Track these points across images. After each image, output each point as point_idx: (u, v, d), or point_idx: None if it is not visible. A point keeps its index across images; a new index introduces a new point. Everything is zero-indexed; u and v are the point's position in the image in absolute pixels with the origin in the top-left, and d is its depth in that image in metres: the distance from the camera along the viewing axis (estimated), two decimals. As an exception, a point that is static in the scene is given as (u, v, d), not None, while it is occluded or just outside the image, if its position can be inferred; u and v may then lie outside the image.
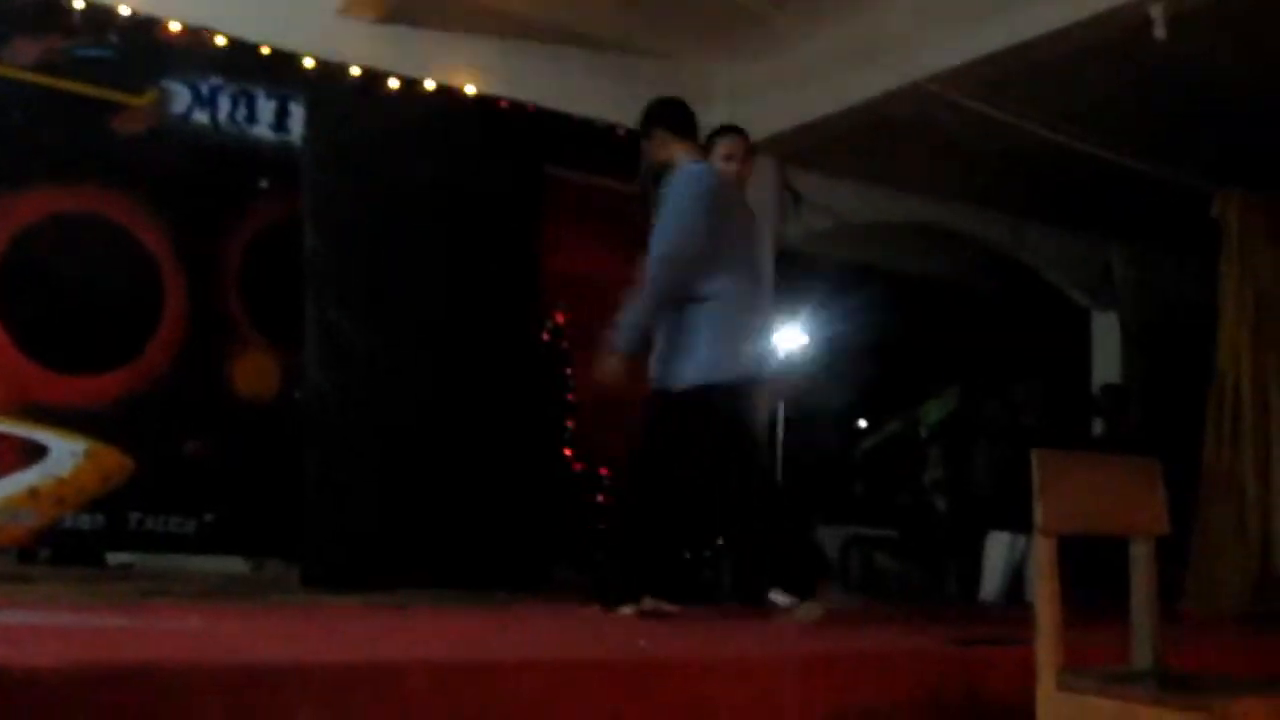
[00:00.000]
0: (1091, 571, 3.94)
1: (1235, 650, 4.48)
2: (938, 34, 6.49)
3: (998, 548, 7.68)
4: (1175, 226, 7.71)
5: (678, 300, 4.61)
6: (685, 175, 4.69)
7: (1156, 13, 5.63)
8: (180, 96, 6.20)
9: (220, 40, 6.23)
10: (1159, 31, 5.63)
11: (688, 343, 4.62)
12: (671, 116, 4.95)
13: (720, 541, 5.83)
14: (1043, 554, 2.74)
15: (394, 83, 6.60)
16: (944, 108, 6.72)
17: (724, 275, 4.62)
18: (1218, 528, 6.54)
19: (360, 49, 6.54)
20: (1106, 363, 10.06)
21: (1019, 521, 7.29)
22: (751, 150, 5.19)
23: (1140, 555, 2.95)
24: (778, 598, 4.93)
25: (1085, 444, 8.37)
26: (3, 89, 5.77)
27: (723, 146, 5.06)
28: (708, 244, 4.55)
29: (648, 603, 4.49)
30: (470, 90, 6.82)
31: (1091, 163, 7.26)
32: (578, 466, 6.83)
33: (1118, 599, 3.02)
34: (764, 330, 4.89)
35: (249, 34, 6.30)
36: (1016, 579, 7.56)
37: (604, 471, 6.79)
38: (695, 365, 4.59)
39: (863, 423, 14.03)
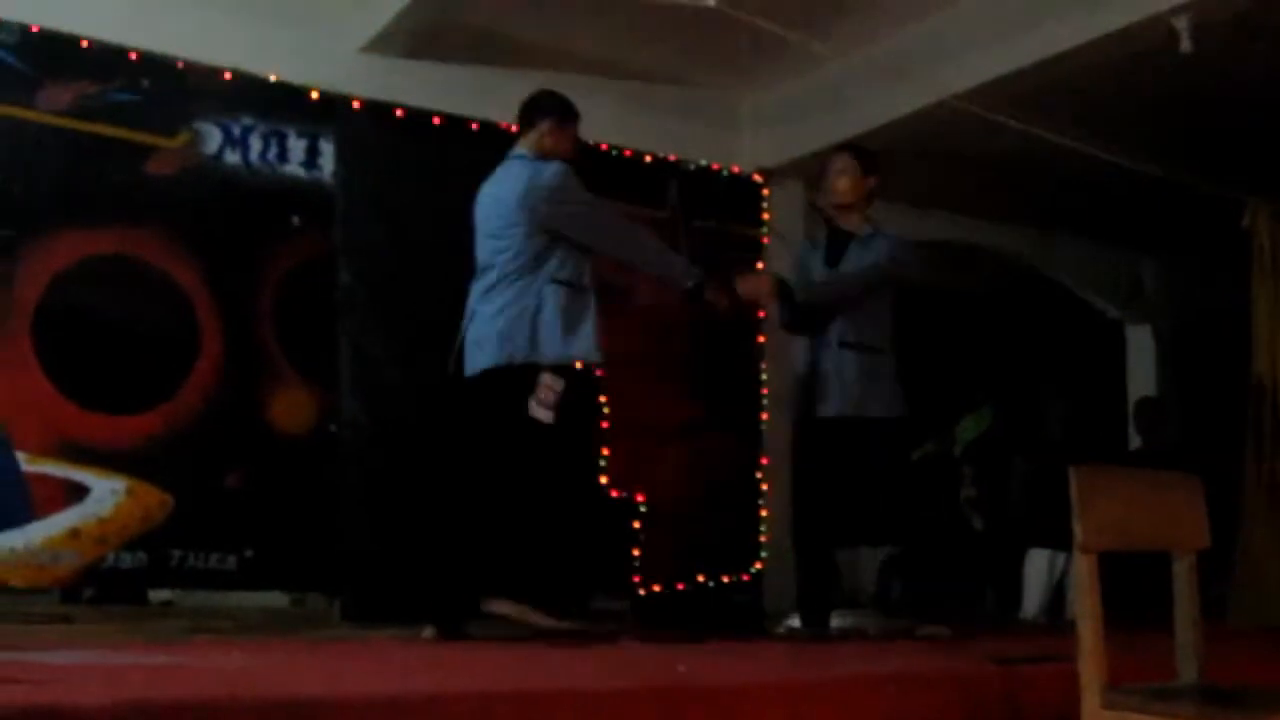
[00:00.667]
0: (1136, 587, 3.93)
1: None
2: (963, 52, 6.51)
3: (1037, 565, 7.63)
4: (1206, 237, 7.67)
5: None
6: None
7: (1182, 25, 5.63)
8: (212, 137, 6.26)
9: (250, 81, 6.31)
10: (1185, 45, 5.63)
11: None
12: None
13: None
14: (1084, 570, 2.73)
15: (423, 118, 6.66)
16: (971, 124, 6.72)
17: None
18: (1261, 541, 6.49)
19: (388, 85, 6.60)
20: (1142, 376, 10.01)
21: (1057, 538, 7.27)
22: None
23: (1182, 570, 2.94)
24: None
25: (1122, 458, 8.32)
26: (37, 135, 5.83)
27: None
28: None
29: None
30: (500, 123, 6.86)
31: (1120, 175, 7.25)
32: (614, 494, 6.83)
33: (1161, 614, 3.00)
34: None
35: (279, 73, 6.37)
36: (1057, 596, 7.50)
37: (640, 498, 6.79)
38: None
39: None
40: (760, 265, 7.77)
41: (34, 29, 5.84)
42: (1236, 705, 2.69)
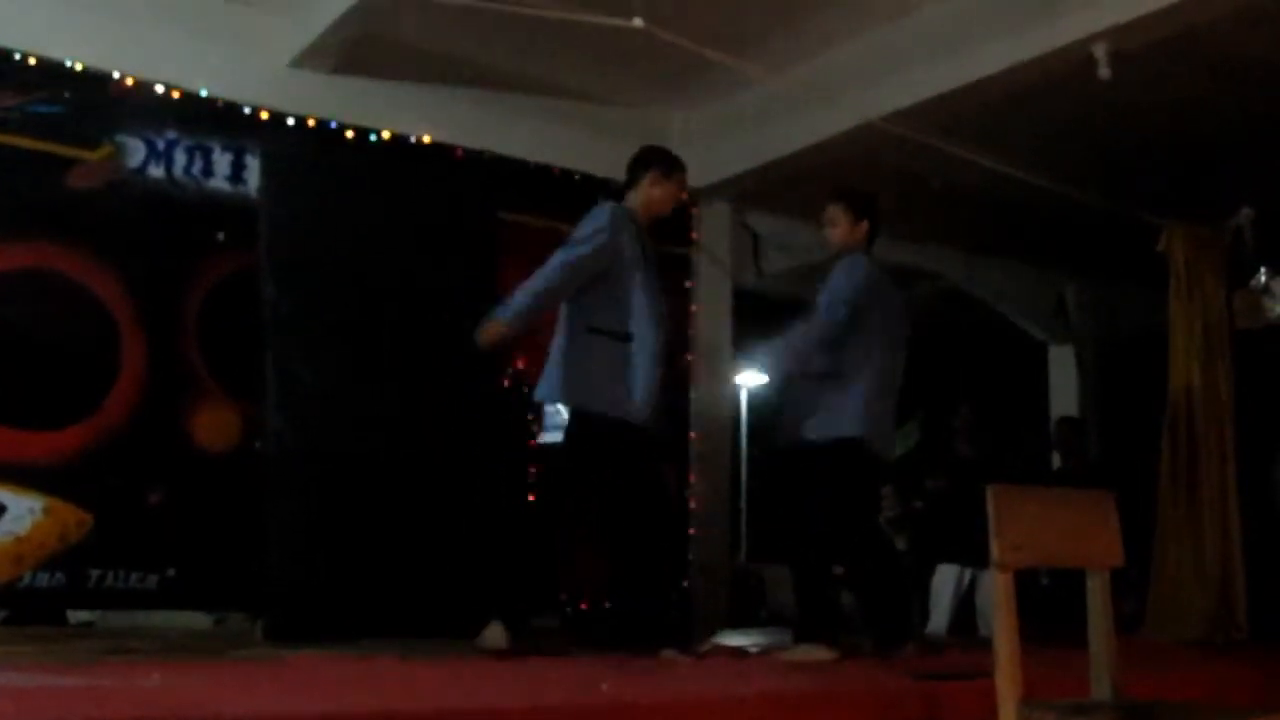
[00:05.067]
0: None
1: (1194, 680, 4.51)
2: (888, 75, 6.59)
3: (945, 581, 7.71)
4: (1127, 259, 7.81)
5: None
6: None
7: (1100, 52, 5.74)
8: (135, 151, 6.20)
9: (175, 94, 6.25)
10: (1103, 71, 5.75)
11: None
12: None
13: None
14: (1000, 588, 2.77)
15: (349, 133, 6.63)
16: (897, 146, 6.80)
17: None
18: (1176, 558, 6.59)
19: (314, 101, 6.57)
20: (1064, 396, 10.16)
21: (965, 554, 7.35)
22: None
23: (1096, 587, 2.98)
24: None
25: (1042, 476, 8.44)
26: (-44, 147, 5.76)
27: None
28: None
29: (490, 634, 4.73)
30: (425, 139, 6.86)
31: (1043, 198, 7.37)
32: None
33: (1077, 630, 3.05)
34: None
35: (203, 88, 6.32)
36: (964, 612, 7.58)
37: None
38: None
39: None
40: (689, 284, 7.82)
41: (-49, 40, 5.76)
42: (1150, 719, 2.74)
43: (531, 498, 6.77)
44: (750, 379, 15.47)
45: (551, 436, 4.89)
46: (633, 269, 4.94)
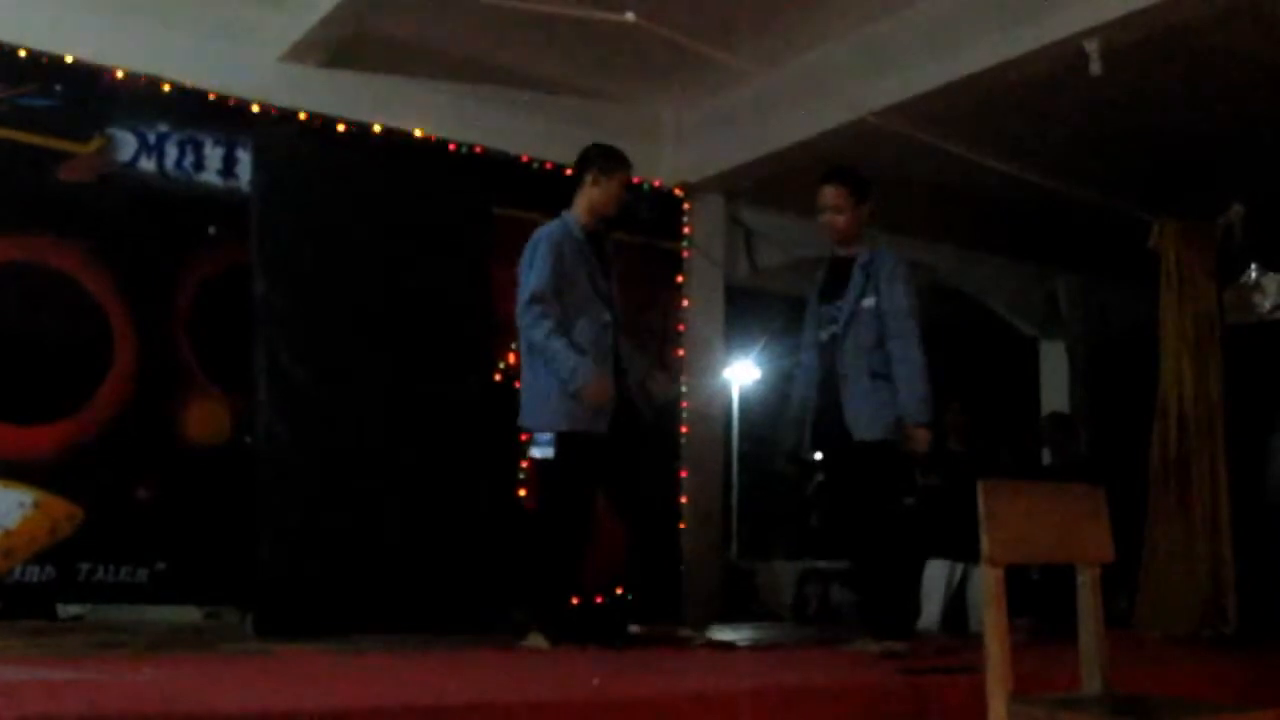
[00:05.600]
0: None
1: (1184, 673, 4.52)
2: (881, 71, 6.60)
3: (935, 576, 7.72)
4: (1119, 255, 7.82)
5: None
6: None
7: (1092, 48, 5.76)
8: (126, 144, 6.19)
9: (166, 88, 6.24)
10: (1094, 67, 5.76)
11: None
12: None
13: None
14: (990, 583, 2.77)
15: (341, 127, 6.63)
16: (890, 142, 6.81)
17: None
18: (1166, 552, 6.61)
19: (307, 94, 6.57)
20: (1055, 392, 10.18)
21: (955, 549, 7.36)
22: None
23: (1086, 582, 2.99)
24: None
25: (1033, 472, 8.45)
26: (-54, 139, 5.75)
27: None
28: None
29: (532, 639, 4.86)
30: (418, 133, 6.85)
31: (1035, 193, 7.38)
32: (531, 507, 6.81)
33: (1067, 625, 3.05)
34: None
35: (195, 81, 6.31)
36: (956, 606, 7.59)
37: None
38: None
39: (818, 455, 14.08)
40: (680, 279, 7.82)
41: (-58, 33, 5.74)
42: (1140, 714, 2.75)
43: (523, 493, 6.79)
44: (741, 374, 15.52)
45: (541, 452, 5.00)
46: (570, 289, 5.04)
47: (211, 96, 6.35)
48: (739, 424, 15.25)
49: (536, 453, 5.01)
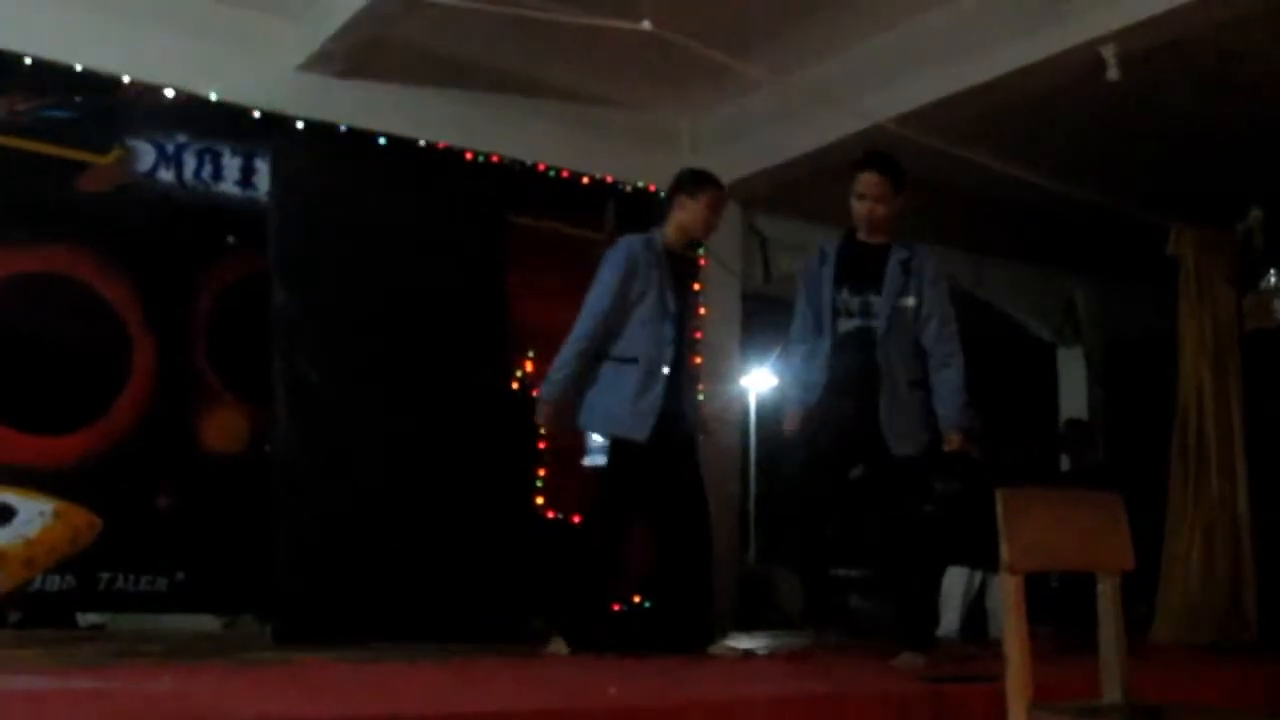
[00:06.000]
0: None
1: (1204, 681, 4.51)
2: (897, 78, 6.59)
3: (955, 583, 7.69)
4: (1137, 261, 7.80)
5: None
6: None
7: (1109, 54, 5.74)
8: (145, 155, 6.21)
9: (184, 98, 6.26)
10: (1112, 73, 5.75)
11: None
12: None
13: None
14: (1010, 591, 2.77)
15: (358, 137, 6.64)
16: (905, 149, 6.78)
17: None
18: (1185, 560, 6.58)
19: (324, 104, 6.58)
20: (1073, 398, 10.14)
21: (975, 557, 7.34)
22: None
23: (1106, 590, 2.98)
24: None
25: (1051, 478, 8.42)
26: (-35, 150, 5.78)
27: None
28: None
29: (552, 645, 4.95)
30: (435, 142, 6.87)
31: (1052, 199, 7.37)
32: (549, 514, 6.82)
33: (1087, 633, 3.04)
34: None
35: (213, 92, 6.34)
36: (975, 613, 7.57)
37: (576, 519, 6.78)
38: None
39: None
40: (696, 286, 7.81)
41: (-37, 44, 5.77)
42: (1159, 722, 2.74)
43: (539, 500, 6.81)
44: (758, 381, 15.49)
45: (591, 460, 5.15)
46: (640, 300, 5.12)
47: (230, 107, 6.37)
48: (755, 431, 15.23)
49: (589, 461, 5.16)
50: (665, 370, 5.11)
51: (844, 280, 5.03)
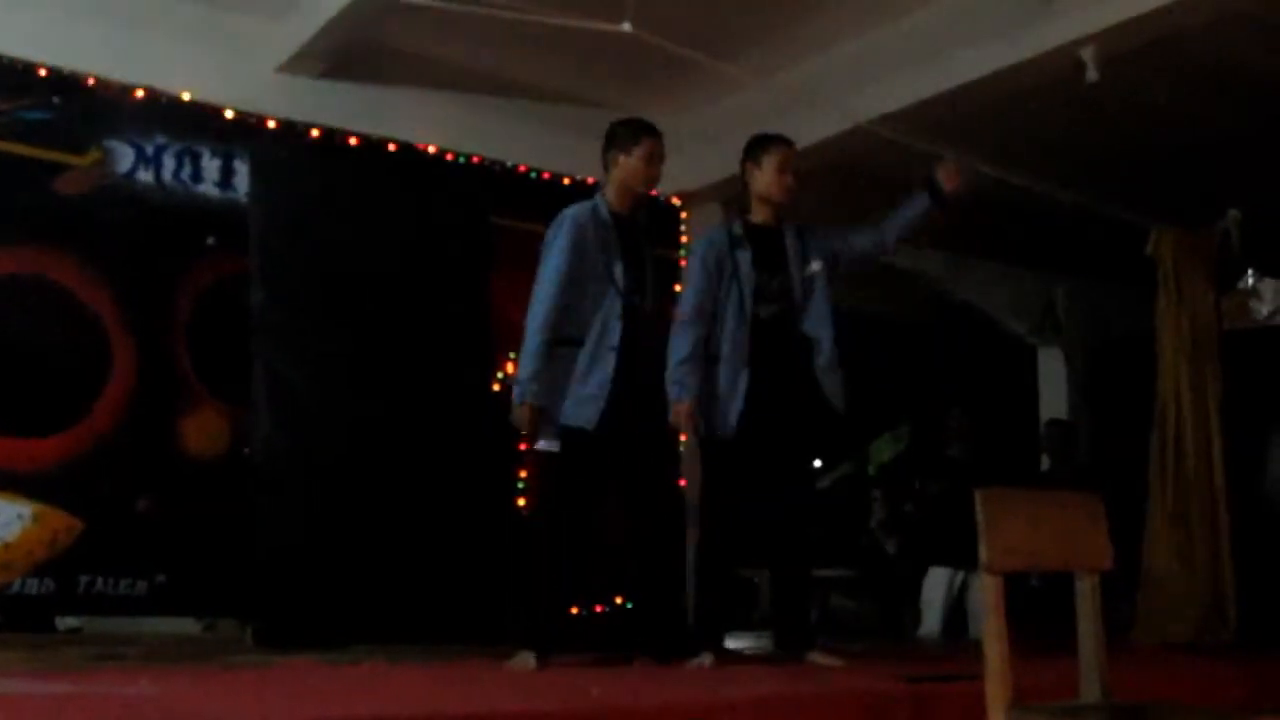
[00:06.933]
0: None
1: (1184, 681, 4.52)
2: (878, 80, 6.60)
3: (936, 583, 7.71)
4: (1116, 262, 7.83)
5: None
6: None
7: (1088, 56, 5.77)
8: (124, 156, 6.18)
9: (163, 99, 6.24)
10: (1091, 74, 5.77)
11: None
12: None
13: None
14: (990, 591, 2.77)
15: (338, 138, 6.63)
16: (886, 150, 6.81)
17: None
18: (1165, 560, 6.61)
19: (304, 105, 6.57)
20: (1053, 398, 10.18)
21: (956, 557, 7.37)
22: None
23: (1085, 590, 2.99)
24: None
25: (1031, 479, 8.46)
26: (-58, 153, 5.75)
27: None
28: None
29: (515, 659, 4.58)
30: (416, 144, 6.86)
31: (1032, 201, 7.38)
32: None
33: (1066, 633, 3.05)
34: None
35: (193, 92, 6.31)
36: (957, 614, 7.59)
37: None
38: None
39: (817, 463, 14.09)
40: (677, 288, 7.80)
41: (-61, 46, 5.74)
42: (1139, 722, 2.75)
43: (521, 502, 6.79)
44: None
45: (546, 445, 4.80)
46: (588, 273, 4.80)
47: (209, 108, 6.35)
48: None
49: (542, 445, 4.76)
50: (613, 349, 4.75)
51: (761, 263, 5.06)
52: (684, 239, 7.89)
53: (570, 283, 4.77)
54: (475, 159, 7.04)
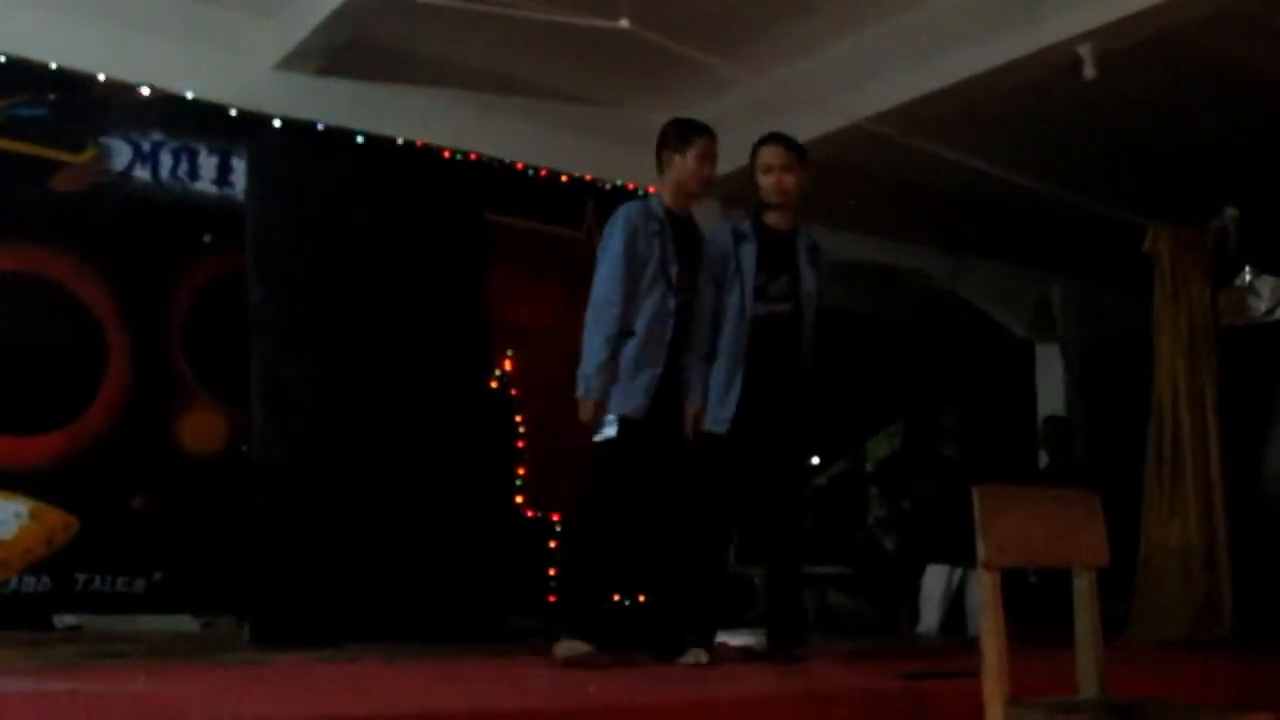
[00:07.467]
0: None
1: (1180, 678, 4.53)
2: (873, 77, 6.61)
3: (934, 580, 7.72)
4: (1113, 259, 7.84)
5: None
6: None
7: (1086, 52, 5.77)
8: (121, 153, 6.17)
9: (160, 96, 6.23)
10: (1088, 71, 5.78)
11: None
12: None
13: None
14: (987, 588, 2.78)
15: (335, 135, 6.62)
16: (883, 148, 6.81)
17: None
18: (1161, 556, 6.61)
19: (301, 103, 6.56)
20: (1050, 395, 10.19)
21: (954, 554, 7.37)
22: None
23: (1082, 586, 2.99)
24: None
25: (1029, 475, 8.46)
26: (-61, 150, 5.74)
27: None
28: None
29: (564, 645, 4.52)
30: (413, 141, 6.85)
31: (1029, 198, 7.39)
32: (529, 514, 6.82)
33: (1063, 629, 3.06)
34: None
35: (190, 89, 6.31)
36: (955, 611, 7.60)
37: (556, 517, 6.78)
38: None
39: (814, 460, 14.10)
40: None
41: (-65, 42, 5.73)
42: (1136, 718, 2.75)
43: (519, 499, 6.80)
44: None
45: (602, 435, 4.79)
46: (642, 269, 4.82)
47: (206, 105, 6.34)
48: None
49: (600, 436, 4.76)
50: (666, 343, 4.82)
51: (765, 263, 5.09)
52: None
53: (627, 279, 4.79)
54: (472, 156, 7.03)
